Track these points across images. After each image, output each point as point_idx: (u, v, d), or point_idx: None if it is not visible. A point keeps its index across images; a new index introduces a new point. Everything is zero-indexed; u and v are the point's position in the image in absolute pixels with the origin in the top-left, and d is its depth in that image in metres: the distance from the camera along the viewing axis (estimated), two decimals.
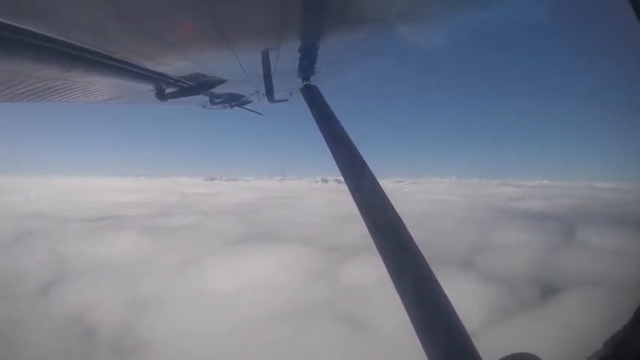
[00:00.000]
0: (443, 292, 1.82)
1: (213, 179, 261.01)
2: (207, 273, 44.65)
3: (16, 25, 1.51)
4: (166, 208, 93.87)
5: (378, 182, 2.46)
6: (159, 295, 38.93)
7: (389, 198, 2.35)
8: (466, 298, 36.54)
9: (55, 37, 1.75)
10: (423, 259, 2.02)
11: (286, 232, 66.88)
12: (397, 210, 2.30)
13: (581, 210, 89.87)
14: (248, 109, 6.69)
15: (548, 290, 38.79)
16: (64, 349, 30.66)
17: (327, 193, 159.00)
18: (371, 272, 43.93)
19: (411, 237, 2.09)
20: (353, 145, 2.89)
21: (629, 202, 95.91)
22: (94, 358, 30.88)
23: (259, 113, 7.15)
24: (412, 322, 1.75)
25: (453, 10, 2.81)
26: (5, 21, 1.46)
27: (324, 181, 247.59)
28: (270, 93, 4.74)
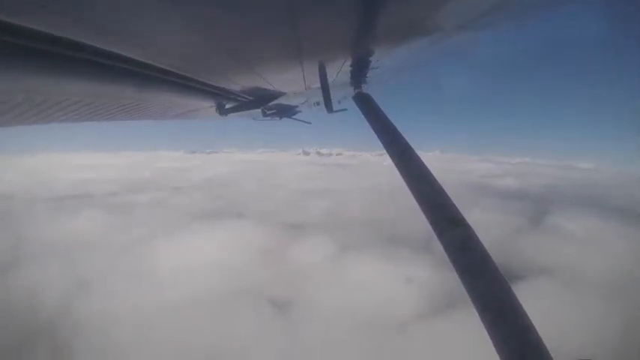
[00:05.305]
0: (500, 273, 1.82)
1: (194, 152, 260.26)
2: (157, 253, 43.39)
3: (104, 48, 1.53)
4: (136, 185, 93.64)
5: (428, 169, 2.52)
6: (105, 275, 37.87)
7: (437, 179, 2.45)
8: (411, 284, 35.44)
9: (134, 57, 1.79)
10: (475, 235, 2.05)
11: (251, 207, 65.70)
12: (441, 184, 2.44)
13: (555, 190, 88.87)
14: (297, 119, 6.73)
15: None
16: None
17: (306, 165, 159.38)
18: (320, 254, 42.80)
19: (461, 214, 2.13)
20: (405, 141, 2.84)
21: (605, 185, 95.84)
22: (35, 339, 29.44)
23: (308, 122, 7.27)
24: (472, 299, 1.76)
25: (501, 20, 2.89)
26: (93, 44, 1.46)
27: (306, 153, 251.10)
28: (328, 104, 4.37)
